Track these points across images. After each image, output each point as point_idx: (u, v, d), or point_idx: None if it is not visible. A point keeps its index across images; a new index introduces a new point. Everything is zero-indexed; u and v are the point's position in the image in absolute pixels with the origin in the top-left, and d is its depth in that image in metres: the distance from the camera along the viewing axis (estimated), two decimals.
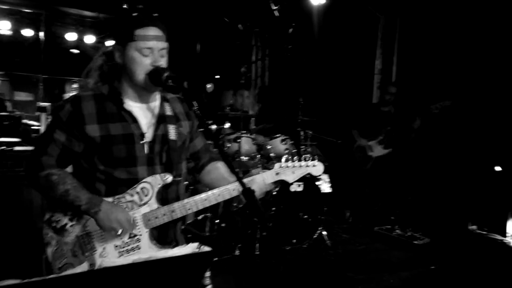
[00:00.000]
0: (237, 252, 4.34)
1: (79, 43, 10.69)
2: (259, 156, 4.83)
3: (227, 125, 4.88)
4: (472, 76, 6.22)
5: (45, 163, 1.98)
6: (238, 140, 4.70)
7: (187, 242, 2.19)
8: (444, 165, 6.60)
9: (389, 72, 7.09)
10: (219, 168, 2.32)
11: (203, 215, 4.63)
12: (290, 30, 4.50)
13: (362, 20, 7.13)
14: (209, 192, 2.07)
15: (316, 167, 2.17)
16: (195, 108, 1.99)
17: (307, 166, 2.16)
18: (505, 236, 5.89)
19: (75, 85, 19.36)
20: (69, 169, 2.11)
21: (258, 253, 4.33)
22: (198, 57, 6.51)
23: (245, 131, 4.84)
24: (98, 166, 1.99)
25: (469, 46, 6.07)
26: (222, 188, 2.08)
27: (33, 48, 9.64)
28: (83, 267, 1.95)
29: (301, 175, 2.17)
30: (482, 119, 6.29)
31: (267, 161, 4.89)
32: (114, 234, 1.96)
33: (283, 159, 2.17)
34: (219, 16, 7.40)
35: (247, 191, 1.90)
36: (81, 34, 10.07)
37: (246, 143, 4.70)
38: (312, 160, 2.16)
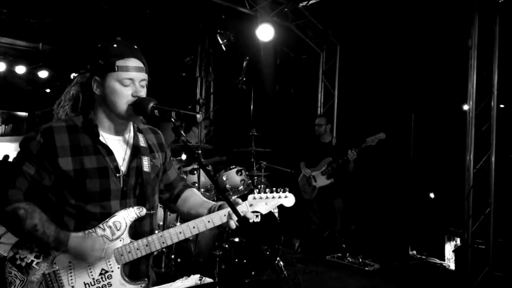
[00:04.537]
0: None
1: (7, 74, 10.13)
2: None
3: (183, 156, 4.83)
4: (406, 110, 6.70)
5: (12, 197, 1.87)
6: (195, 172, 4.66)
7: (156, 277, 2.13)
8: (383, 194, 6.94)
9: (331, 105, 7.43)
10: (194, 194, 2.30)
11: (158, 251, 4.45)
12: (245, 63, 4.60)
13: (306, 55, 7.48)
14: (184, 225, 2.02)
15: (287, 199, 2.18)
16: (183, 138, 1.97)
17: (279, 197, 2.17)
18: (443, 260, 6.24)
19: None
20: None
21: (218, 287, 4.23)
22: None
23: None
24: (68, 200, 1.90)
25: (402, 81, 6.56)
26: (197, 220, 2.04)
27: None
28: None
29: (274, 207, 2.17)
30: (416, 149, 6.76)
31: (223, 193, 4.86)
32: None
33: (256, 191, 2.16)
34: (164, 48, 7.41)
35: (242, 220, 1.91)
36: (11, 64, 9.58)
37: (202, 175, 4.66)
38: (283, 192, 2.17)
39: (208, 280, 1.66)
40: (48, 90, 11.17)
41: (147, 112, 1.92)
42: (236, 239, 4.32)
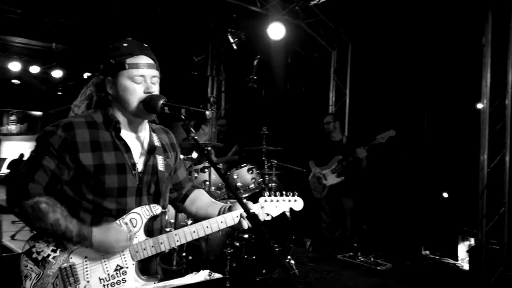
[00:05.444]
0: None
1: (22, 73, 10.28)
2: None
3: (194, 155, 4.85)
4: (418, 109, 6.64)
5: (32, 191, 1.86)
6: (206, 170, 4.67)
7: (167, 275, 2.15)
8: (395, 193, 6.88)
9: (342, 103, 7.40)
10: (203, 195, 2.37)
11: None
12: (256, 61, 4.60)
13: (318, 53, 7.46)
14: (197, 224, 2.06)
15: (297, 202, 2.28)
16: (192, 134, 1.97)
17: (289, 201, 2.26)
18: (456, 260, 6.17)
19: (12, 117, 18.42)
20: None
21: (228, 285, 4.24)
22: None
23: None
24: (86, 195, 1.91)
25: (415, 79, 6.50)
26: (211, 220, 2.09)
27: None
28: None
29: (283, 210, 2.25)
30: (429, 147, 6.69)
31: (234, 191, 4.85)
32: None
33: (266, 194, 2.24)
34: (175, 47, 7.45)
35: (252, 217, 1.92)
36: (25, 64, 9.70)
37: (213, 173, 4.67)
38: (293, 195, 2.26)
39: (217, 275, 1.67)
40: (60, 93, 11.33)
41: (157, 109, 1.94)
42: (246, 236, 4.32)
